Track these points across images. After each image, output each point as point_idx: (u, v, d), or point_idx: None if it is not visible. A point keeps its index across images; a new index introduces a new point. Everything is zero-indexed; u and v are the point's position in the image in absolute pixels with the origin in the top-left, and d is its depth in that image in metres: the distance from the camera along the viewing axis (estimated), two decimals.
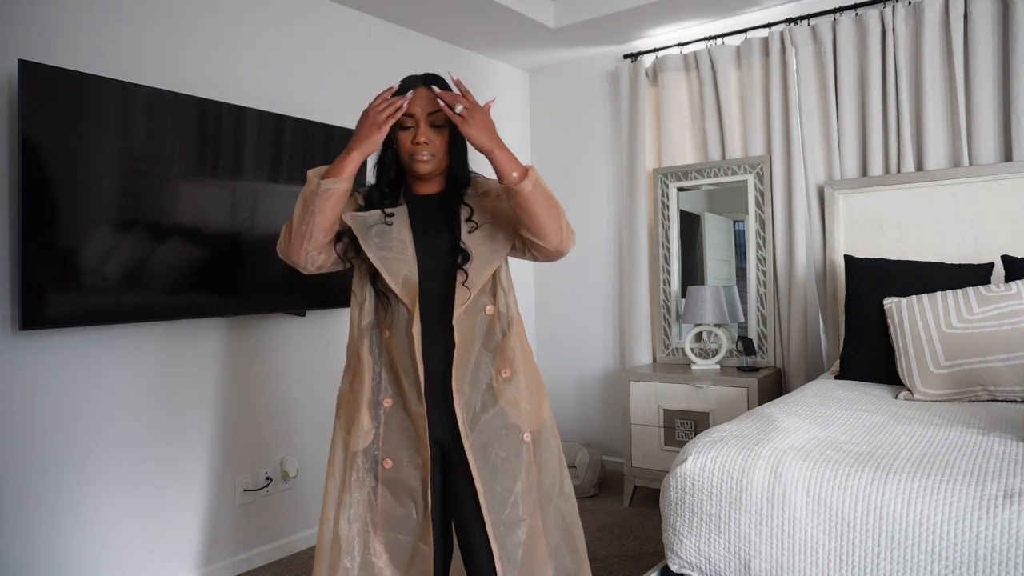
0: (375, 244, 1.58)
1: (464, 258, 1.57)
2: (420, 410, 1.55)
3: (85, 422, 2.36)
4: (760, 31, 3.49)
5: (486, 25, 3.56)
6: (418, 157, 1.57)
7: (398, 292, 1.56)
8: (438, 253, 1.60)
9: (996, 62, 2.94)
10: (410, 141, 1.57)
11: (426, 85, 1.58)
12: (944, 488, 1.51)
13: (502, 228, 1.62)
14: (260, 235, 2.71)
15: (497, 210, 1.62)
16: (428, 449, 1.55)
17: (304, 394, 3.05)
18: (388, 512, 1.58)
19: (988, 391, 2.38)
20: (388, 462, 1.58)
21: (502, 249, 1.61)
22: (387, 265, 1.56)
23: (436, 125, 1.58)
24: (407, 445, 1.58)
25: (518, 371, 1.62)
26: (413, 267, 1.58)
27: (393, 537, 1.58)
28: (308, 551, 2.98)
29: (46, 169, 2.14)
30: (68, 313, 2.22)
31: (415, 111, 1.56)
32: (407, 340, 1.57)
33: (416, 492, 1.57)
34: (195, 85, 2.64)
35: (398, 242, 1.59)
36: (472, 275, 1.57)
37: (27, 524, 2.23)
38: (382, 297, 1.61)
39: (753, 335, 3.49)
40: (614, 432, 4.03)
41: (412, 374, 1.56)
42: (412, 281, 1.57)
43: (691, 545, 1.76)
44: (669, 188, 3.74)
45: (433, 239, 1.61)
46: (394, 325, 1.59)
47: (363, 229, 1.59)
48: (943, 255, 2.97)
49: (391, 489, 1.58)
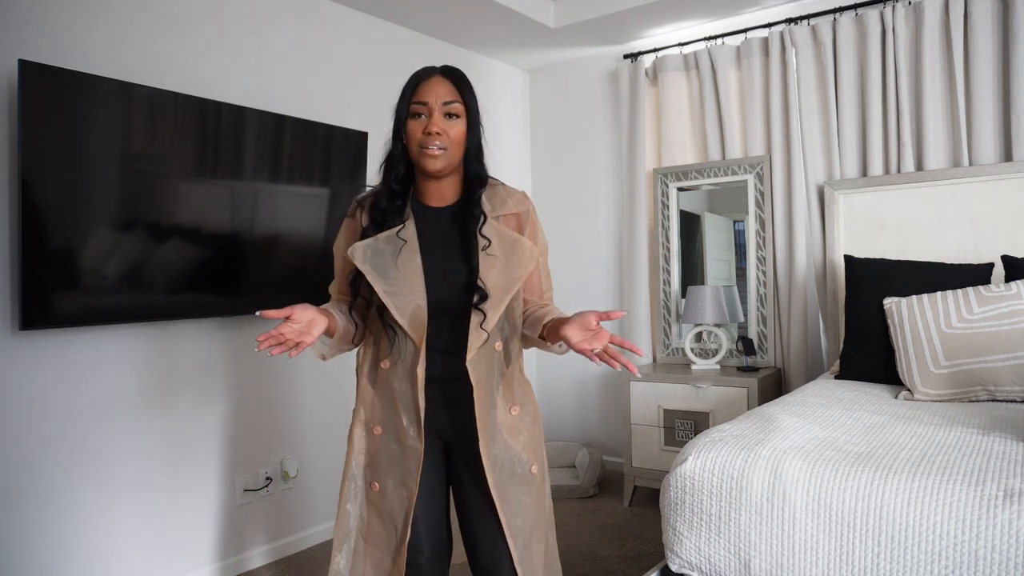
0: (381, 277, 1.46)
1: (482, 297, 1.46)
2: (417, 446, 1.49)
3: (84, 422, 2.36)
4: (760, 31, 3.49)
5: (486, 25, 3.56)
6: (428, 150, 1.45)
7: (406, 328, 1.45)
8: (452, 287, 1.49)
9: (996, 62, 2.94)
10: (421, 131, 1.45)
11: (444, 76, 1.49)
12: (944, 488, 1.51)
13: (516, 265, 1.50)
14: (260, 235, 2.71)
15: (516, 240, 1.52)
16: (416, 483, 1.50)
17: (304, 394, 3.05)
18: (373, 528, 1.57)
19: (988, 391, 2.38)
20: (376, 485, 1.56)
21: (514, 286, 1.49)
22: (394, 300, 1.45)
23: (451, 115, 1.47)
24: (393, 474, 1.53)
25: (525, 405, 1.59)
26: (423, 301, 1.46)
27: (376, 554, 1.57)
28: (308, 551, 2.98)
29: (46, 169, 2.14)
30: (68, 313, 2.22)
31: (428, 99, 1.45)
32: (411, 378, 1.49)
33: (398, 519, 1.53)
34: (195, 85, 2.64)
35: (407, 271, 1.46)
36: (489, 315, 1.45)
37: (26, 524, 2.23)
38: (388, 329, 1.51)
39: (753, 335, 3.48)
40: (614, 432, 4.03)
41: (412, 410, 1.49)
42: (420, 317, 1.46)
43: (691, 545, 1.76)
44: (669, 188, 3.73)
45: (447, 268, 1.49)
46: (399, 359, 1.51)
47: (368, 264, 1.47)
48: (943, 255, 2.97)
49: (377, 510, 1.56)
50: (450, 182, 1.54)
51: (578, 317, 1.42)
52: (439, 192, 1.54)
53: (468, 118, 1.50)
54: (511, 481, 1.52)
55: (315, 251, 2.90)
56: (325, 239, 2.91)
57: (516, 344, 1.59)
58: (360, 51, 3.33)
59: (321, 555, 2.92)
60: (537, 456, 1.58)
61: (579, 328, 1.40)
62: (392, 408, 1.53)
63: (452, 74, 1.51)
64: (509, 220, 1.56)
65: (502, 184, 1.59)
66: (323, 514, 3.10)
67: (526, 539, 1.52)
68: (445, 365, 1.52)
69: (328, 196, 2.95)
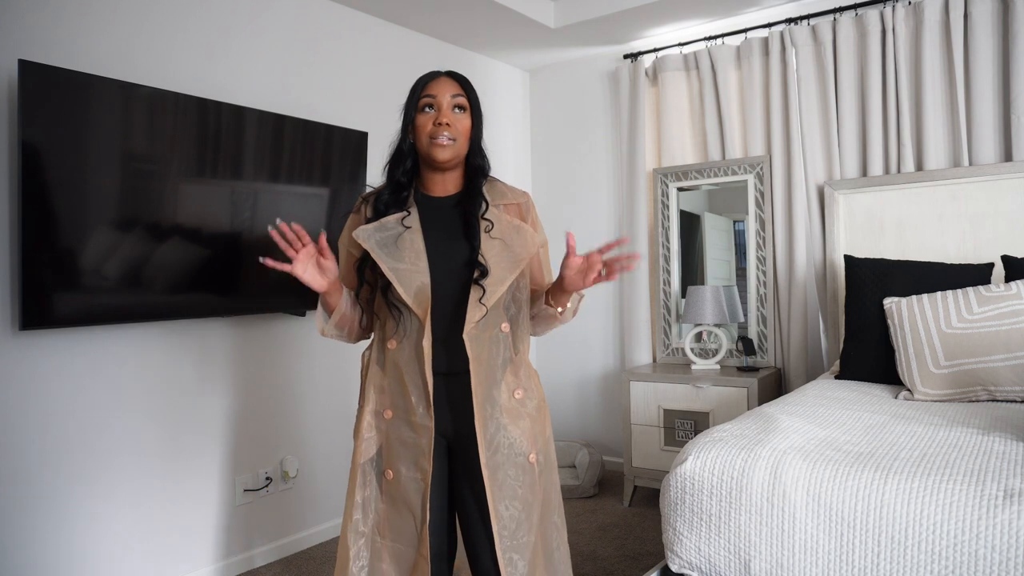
0: (387, 255, 1.53)
1: (482, 273, 1.53)
2: (427, 423, 1.53)
3: (85, 422, 2.36)
4: (760, 31, 3.49)
5: (486, 25, 3.56)
6: (438, 140, 1.53)
7: (410, 304, 1.52)
8: (454, 265, 1.55)
9: (996, 62, 2.95)
10: (431, 123, 1.54)
11: (450, 76, 1.59)
12: (944, 488, 1.51)
13: (520, 245, 1.57)
14: (260, 235, 2.71)
15: (518, 225, 1.59)
16: (430, 462, 1.53)
17: (304, 394, 3.05)
18: (391, 522, 1.58)
19: (988, 391, 2.38)
20: (389, 473, 1.57)
21: (519, 265, 1.56)
22: (400, 276, 1.52)
23: (459, 108, 1.56)
24: (406, 458, 1.55)
25: (529, 391, 1.60)
26: (426, 278, 1.53)
27: (397, 547, 1.57)
28: (308, 551, 2.98)
29: (46, 169, 2.14)
30: (68, 313, 2.22)
31: (437, 93, 1.55)
32: (416, 352, 1.53)
33: (415, 505, 1.55)
34: (195, 85, 2.64)
35: (411, 251, 1.54)
36: (488, 291, 1.52)
37: (26, 523, 2.23)
38: (393, 309, 1.57)
39: (753, 335, 3.49)
40: (614, 432, 4.03)
41: (420, 386, 1.53)
42: (425, 293, 1.52)
43: (691, 545, 1.76)
44: (669, 188, 3.74)
45: (449, 248, 1.56)
46: (404, 337, 1.55)
47: (373, 241, 1.55)
48: (943, 255, 2.97)
49: (392, 499, 1.57)
50: (453, 175, 1.62)
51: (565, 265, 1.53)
52: (443, 184, 1.62)
53: (472, 115, 1.59)
54: (506, 466, 1.53)
55: None
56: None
57: (525, 330, 1.63)
58: (360, 51, 3.33)
59: (321, 555, 2.92)
60: (538, 446, 1.58)
61: (572, 270, 1.52)
62: (400, 388, 1.56)
63: (457, 76, 1.61)
64: (511, 209, 1.64)
65: (501, 181, 1.68)
66: (323, 514, 3.10)
67: (514, 529, 1.51)
68: (449, 355, 1.54)
69: (328, 196, 2.95)
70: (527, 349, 1.64)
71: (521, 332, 1.61)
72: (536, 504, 1.57)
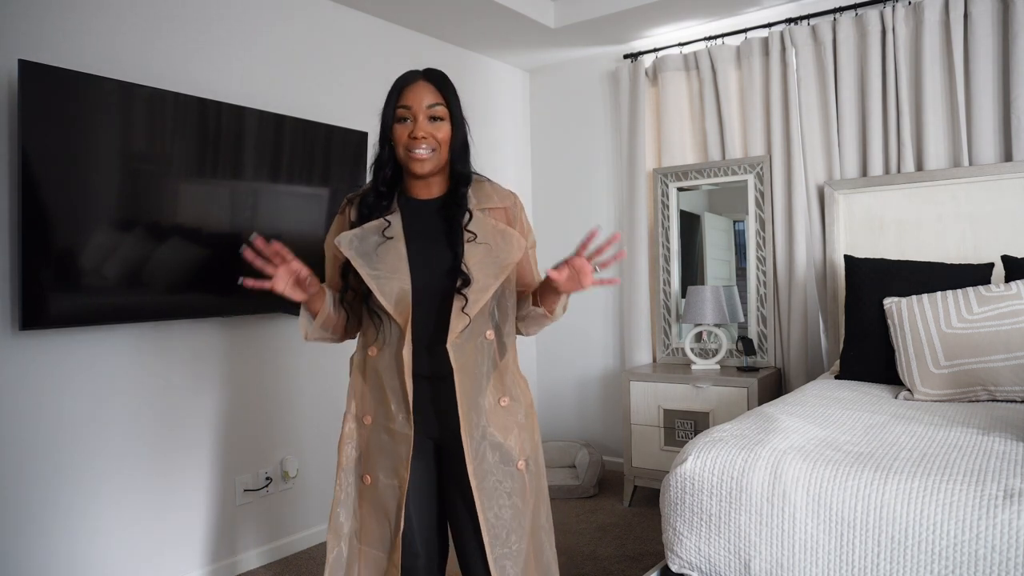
0: (366, 262, 1.50)
1: (465, 281, 1.49)
2: (407, 431, 1.50)
3: (85, 422, 2.36)
4: (760, 31, 3.49)
5: (486, 25, 3.56)
6: (415, 154, 1.49)
7: (391, 311, 1.49)
8: (436, 273, 1.51)
9: (996, 62, 2.94)
10: (407, 135, 1.49)
11: (427, 79, 1.53)
12: (944, 488, 1.51)
13: (505, 251, 1.53)
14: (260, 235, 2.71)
15: (504, 230, 1.55)
16: (408, 471, 1.51)
17: (304, 394, 3.05)
18: (368, 528, 1.57)
19: (988, 391, 2.38)
20: (367, 478, 1.56)
21: (503, 272, 1.51)
22: (380, 284, 1.48)
23: (435, 118, 1.50)
24: (384, 465, 1.54)
25: (517, 399, 1.58)
26: (407, 285, 1.49)
27: (372, 553, 1.56)
28: (308, 551, 2.98)
29: (46, 169, 2.14)
30: (68, 313, 2.22)
31: (412, 104, 1.49)
32: (396, 361, 1.50)
33: (391, 512, 1.54)
34: (195, 85, 2.64)
35: (392, 257, 1.50)
36: (471, 300, 1.48)
37: (26, 524, 2.23)
38: (374, 316, 1.55)
39: (753, 335, 3.49)
40: (614, 432, 4.03)
41: (400, 395, 1.50)
42: (406, 301, 1.49)
43: (691, 545, 1.76)
44: (669, 188, 3.74)
45: (431, 254, 1.52)
46: (385, 344, 1.53)
47: (353, 250, 1.52)
48: (943, 255, 2.97)
49: (371, 505, 1.56)
50: (437, 179, 1.59)
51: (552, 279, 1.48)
52: (427, 188, 1.59)
53: (452, 119, 1.54)
54: (494, 472, 1.51)
55: (315, 251, 2.85)
56: (324, 239, 2.91)
57: (511, 335, 1.60)
58: (360, 51, 3.33)
59: (320, 556, 2.92)
60: (526, 453, 1.57)
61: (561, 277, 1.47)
62: (380, 395, 1.54)
63: (434, 77, 1.55)
64: (497, 213, 1.59)
65: (489, 181, 1.63)
66: (323, 514, 3.10)
67: (505, 537, 1.51)
68: (432, 361, 1.52)
69: (328, 196, 2.95)
70: (514, 355, 1.61)
71: (507, 338, 1.58)
72: (528, 511, 1.56)
